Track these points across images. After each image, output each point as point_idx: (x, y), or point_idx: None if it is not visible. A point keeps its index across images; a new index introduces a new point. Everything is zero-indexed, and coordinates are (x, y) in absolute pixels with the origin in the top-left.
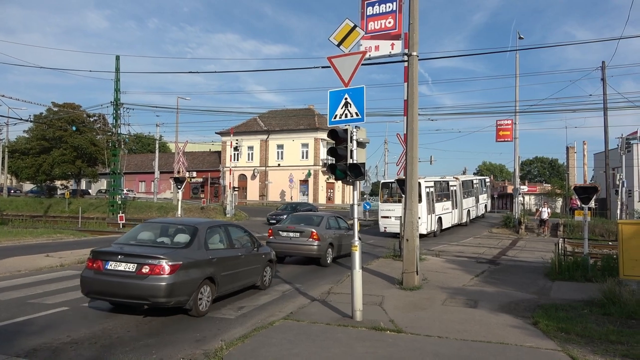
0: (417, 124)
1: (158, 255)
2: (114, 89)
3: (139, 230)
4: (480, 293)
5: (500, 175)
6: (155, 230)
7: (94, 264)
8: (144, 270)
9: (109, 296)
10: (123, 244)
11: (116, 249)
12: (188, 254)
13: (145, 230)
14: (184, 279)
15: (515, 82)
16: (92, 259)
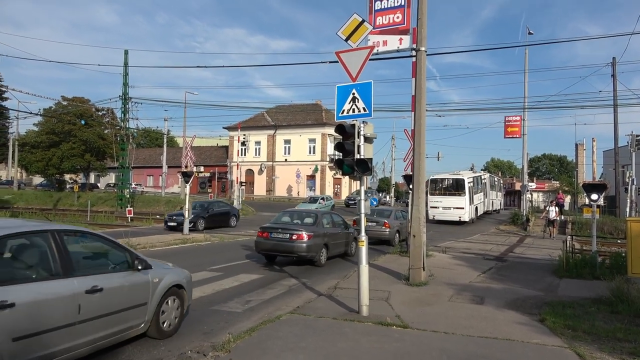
0: (424, 119)
1: (300, 229)
2: (123, 83)
3: (282, 216)
4: (486, 290)
5: (509, 171)
6: (292, 215)
7: (263, 234)
8: (294, 237)
9: (273, 251)
10: (276, 223)
11: (274, 225)
12: (314, 229)
13: (284, 215)
14: (314, 243)
15: (524, 78)
16: (261, 231)
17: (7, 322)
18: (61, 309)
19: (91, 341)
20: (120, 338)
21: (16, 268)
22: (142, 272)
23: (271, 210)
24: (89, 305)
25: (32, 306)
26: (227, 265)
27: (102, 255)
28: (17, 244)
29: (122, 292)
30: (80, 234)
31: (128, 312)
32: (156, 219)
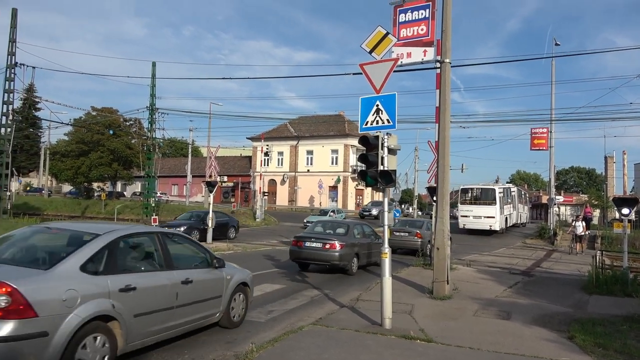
0: (449, 131)
1: (333, 239)
2: (150, 94)
3: (314, 226)
4: (513, 305)
5: (535, 184)
6: (324, 225)
7: (297, 243)
8: (326, 246)
9: (306, 260)
10: (309, 232)
11: (308, 235)
12: (346, 239)
13: (317, 225)
14: (346, 252)
15: (551, 90)
16: (295, 240)
17: (130, 302)
18: (165, 295)
19: (183, 323)
20: (201, 324)
21: (134, 260)
22: (219, 269)
23: (293, 221)
24: (183, 293)
25: (146, 291)
26: None
27: (189, 254)
28: (133, 242)
29: (205, 285)
30: (174, 236)
31: (209, 302)
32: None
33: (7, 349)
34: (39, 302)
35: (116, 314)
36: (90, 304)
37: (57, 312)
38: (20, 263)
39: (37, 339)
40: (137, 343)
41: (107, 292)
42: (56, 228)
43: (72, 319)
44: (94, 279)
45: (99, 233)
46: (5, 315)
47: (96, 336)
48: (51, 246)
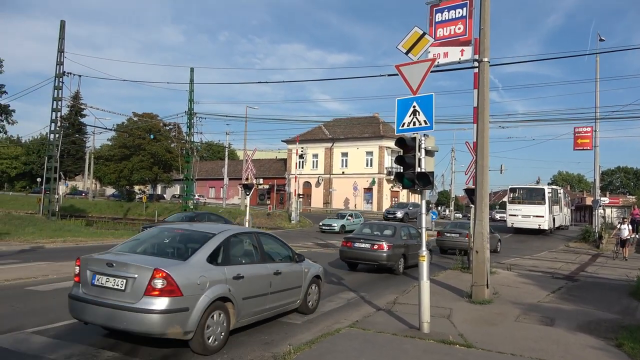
0: (487, 131)
1: (381, 240)
2: (188, 99)
3: (363, 227)
4: (556, 310)
5: (578, 185)
6: (372, 227)
7: (347, 244)
8: (375, 247)
9: (356, 259)
10: (358, 234)
11: (357, 236)
12: (393, 240)
13: (365, 227)
14: (394, 253)
15: (595, 87)
16: (345, 241)
17: (240, 287)
18: (263, 283)
19: (274, 307)
20: (285, 309)
21: (240, 254)
22: (299, 264)
23: None
24: (275, 282)
25: (251, 279)
26: None
27: (277, 250)
28: (239, 240)
29: (290, 276)
30: (267, 235)
31: (292, 290)
32: None
33: (162, 319)
34: (183, 285)
35: (231, 296)
36: (215, 287)
37: (195, 292)
38: (162, 255)
39: (182, 313)
40: (243, 321)
41: (225, 279)
42: (180, 229)
43: (204, 299)
44: (216, 268)
45: (215, 233)
46: (161, 294)
47: (219, 312)
48: (181, 243)
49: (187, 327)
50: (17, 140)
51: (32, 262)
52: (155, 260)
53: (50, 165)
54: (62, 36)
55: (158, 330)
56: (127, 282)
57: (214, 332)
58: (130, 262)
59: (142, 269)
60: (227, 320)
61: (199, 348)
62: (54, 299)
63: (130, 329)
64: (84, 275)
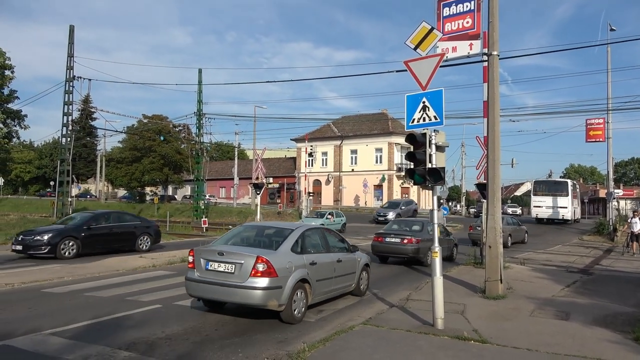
0: (498, 125)
1: (410, 235)
2: (197, 101)
3: (392, 224)
4: (571, 304)
5: (591, 178)
6: (399, 224)
7: (378, 239)
8: (404, 241)
9: (387, 253)
10: (388, 230)
11: (388, 232)
12: (421, 235)
13: (394, 224)
14: (422, 246)
15: (607, 78)
16: (377, 236)
17: (314, 271)
18: (329, 268)
19: (336, 289)
20: (344, 291)
21: (312, 245)
22: (353, 253)
23: None
24: (337, 268)
25: (321, 265)
26: None
27: (337, 242)
28: (310, 234)
29: (348, 263)
30: (328, 230)
31: (349, 276)
32: (229, 229)
33: (264, 294)
34: (278, 268)
35: (309, 278)
36: (298, 271)
37: (285, 274)
38: (256, 246)
39: (276, 289)
40: (316, 299)
41: (304, 265)
42: (264, 226)
43: (291, 279)
44: (298, 256)
45: (293, 229)
46: (262, 275)
47: (301, 291)
48: (268, 236)
49: (281, 300)
50: (30, 144)
51: (47, 265)
52: (255, 250)
53: (62, 169)
54: (72, 41)
55: (261, 302)
56: (236, 267)
57: (298, 306)
58: (238, 252)
59: (248, 257)
60: (306, 297)
61: (288, 318)
62: (70, 301)
63: (240, 302)
64: (198, 263)
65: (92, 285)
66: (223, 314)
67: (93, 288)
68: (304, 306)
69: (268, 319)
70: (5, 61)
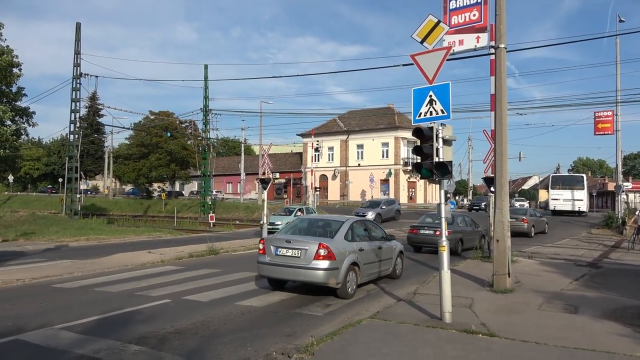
0: (506, 119)
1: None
2: (203, 97)
3: (425, 218)
4: (580, 298)
5: (600, 171)
6: (433, 217)
7: (413, 231)
8: (437, 232)
9: (421, 243)
10: (422, 223)
11: (421, 224)
12: (452, 227)
13: (427, 217)
14: (453, 237)
15: (615, 70)
16: (412, 229)
17: (362, 256)
18: (373, 254)
19: (377, 272)
20: (383, 274)
21: (359, 234)
22: (390, 241)
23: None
24: (379, 254)
25: (367, 251)
26: None
27: (377, 231)
28: (357, 224)
29: (386, 250)
30: (369, 221)
31: (387, 261)
32: (236, 225)
33: (325, 273)
34: (336, 253)
35: (358, 262)
36: (350, 255)
37: (341, 258)
38: (315, 235)
39: (335, 270)
40: (363, 280)
41: (354, 250)
42: (316, 219)
43: (346, 262)
44: (349, 243)
45: (343, 220)
46: (324, 258)
47: (352, 272)
48: (322, 227)
49: (338, 279)
50: (38, 142)
51: (57, 260)
52: (316, 238)
53: (70, 166)
54: (78, 38)
55: (323, 280)
56: (301, 252)
57: (350, 285)
58: (302, 240)
59: (311, 244)
60: (356, 277)
61: (343, 294)
62: (80, 296)
63: (305, 280)
64: (269, 249)
65: (102, 280)
66: (233, 309)
67: (103, 283)
68: (354, 285)
69: (276, 313)
70: (12, 59)
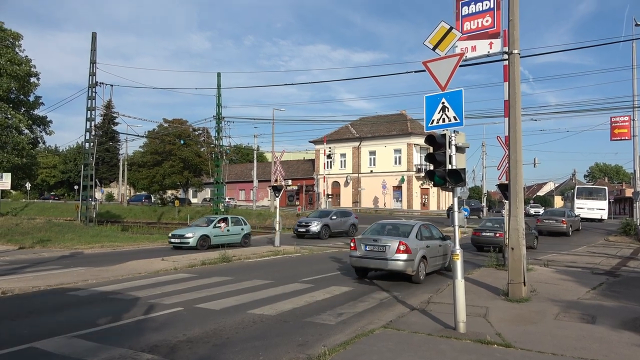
0: (520, 125)
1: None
2: (216, 104)
3: (486, 222)
4: (598, 307)
5: (617, 177)
6: (492, 222)
7: (476, 234)
8: (497, 235)
9: (483, 244)
10: (483, 226)
11: (483, 228)
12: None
13: (488, 222)
14: None
15: (632, 74)
16: (475, 231)
17: (428, 251)
18: (436, 250)
19: (439, 264)
20: (442, 267)
21: (424, 235)
22: (446, 241)
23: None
24: (439, 250)
25: (432, 248)
26: (317, 277)
27: (437, 232)
28: (423, 227)
29: (444, 247)
30: (432, 225)
31: (445, 256)
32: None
33: (404, 264)
34: (411, 248)
35: (426, 255)
36: (421, 250)
37: (415, 252)
38: (395, 235)
39: (411, 261)
40: (429, 270)
41: (423, 247)
42: (390, 222)
43: (418, 255)
44: (419, 241)
45: (414, 224)
46: (404, 252)
47: (422, 263)
48: (397, 229)
49: (413, 268)
50: (54, 149)
51: (72, 268)
52: (396, 237)
53: (86, 173)
54: (94, 48)
55: (402, 269)
56: (386, 248)
57: (422, 273)
58: (386, 239)
59: (393, 241)
60: (425, 267)
61: (416, 279)
62: (94, 303)
63: (388, 269)
64: (359, 246)
65: (116, 288)
66: (245, 318)
67: (116, 291)
68: (424, 273)
69: (288, 322)
70: (30, 69)
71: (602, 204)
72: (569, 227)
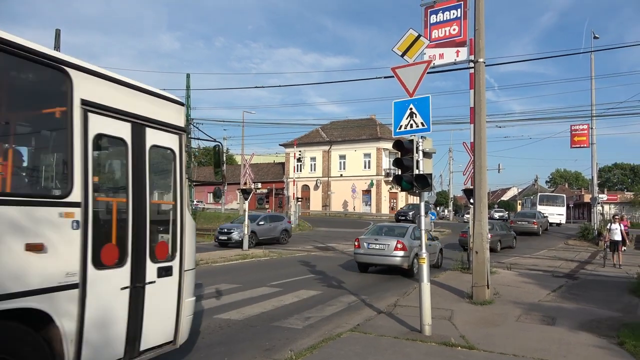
0: (485, 132)
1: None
2: (185, 106)
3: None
4: (557, 309)
5: (576, 183)
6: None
7: (463, 235)
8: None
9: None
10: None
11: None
12: (492, 232)
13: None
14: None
15: (590, 85)
16: (462, 233)
17: (437, 245)
18: (432, 249)
19: (432, 260)
20: (433, 262)
21: (416, 236)
22: (435, 241)
23: (327, 225)
24: (430, 248)
25: (434, 246)
26: (286, 281)
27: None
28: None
29: (434, 246)
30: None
31: (435, 254)
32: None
33: (401, 259)
34: (407, 247)
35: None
36: (415, 248)
37: (410, 250)
38: (393, 235)
39: (407, 257)
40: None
41: (417, 246)
42: (387, 225)
43: (412, 252)
44: (413, 240)
45: (408, 227)
46: (401, 249)
47: (416, 259)
48: (394, 230)
49: (408, 263)
50: None
51: None
52: (394, 237)
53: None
54: (58, 45)
55: (399, 264)
56: (385, 246)
57: (415, 267)
58: (386, 238)
59: (392, 240)
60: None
61: (411, 273)
62: None
63: (387, 264)
64: (362, 244)
65: None
66: (211, 323)
67: None
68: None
69: (254, 326)
70: None
71: (560, 210)
72: (539, 227)
